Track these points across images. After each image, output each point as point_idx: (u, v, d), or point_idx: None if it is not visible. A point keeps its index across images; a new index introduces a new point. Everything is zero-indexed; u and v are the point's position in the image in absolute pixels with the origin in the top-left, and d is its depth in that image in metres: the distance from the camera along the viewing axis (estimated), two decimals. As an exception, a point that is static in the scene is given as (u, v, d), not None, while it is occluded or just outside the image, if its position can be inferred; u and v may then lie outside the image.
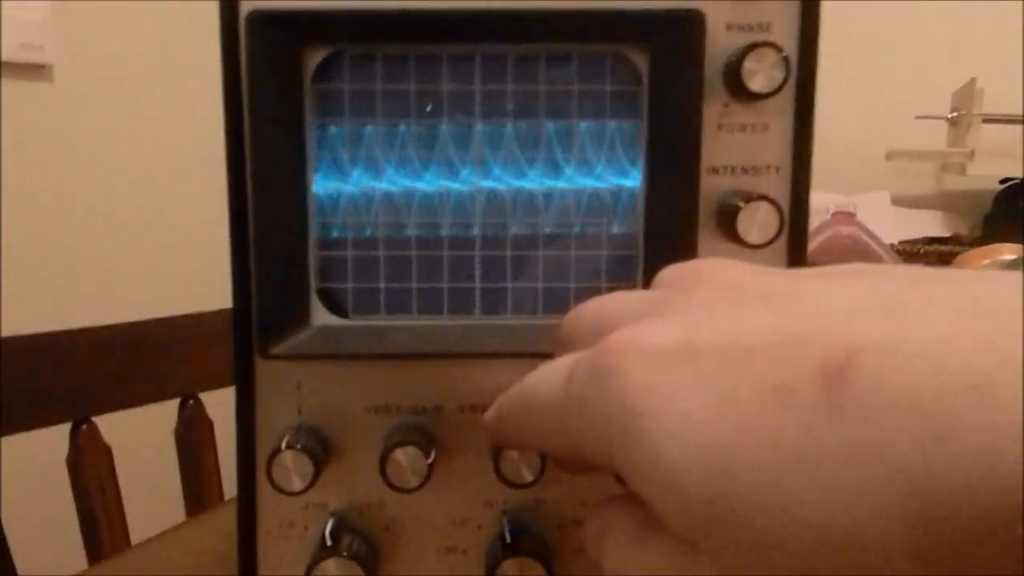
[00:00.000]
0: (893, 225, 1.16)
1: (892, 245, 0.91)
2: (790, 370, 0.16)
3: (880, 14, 1.41)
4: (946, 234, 1.35)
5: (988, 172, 1.27)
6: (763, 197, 0.32)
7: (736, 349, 0.17)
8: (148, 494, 0.87)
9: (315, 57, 0.32)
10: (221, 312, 0.83)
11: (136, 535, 0.74)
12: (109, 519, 0.76)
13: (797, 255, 0.33)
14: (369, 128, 0.33)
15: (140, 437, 0.88)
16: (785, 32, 0.32)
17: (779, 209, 0.31)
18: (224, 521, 0.57)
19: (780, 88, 0.31)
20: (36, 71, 1.26)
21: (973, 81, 1.26)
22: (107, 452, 0.78)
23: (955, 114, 1.35)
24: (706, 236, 0.33)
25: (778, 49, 0.30)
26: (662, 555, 0.19)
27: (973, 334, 0.15)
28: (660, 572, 0.19)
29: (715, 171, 0.33)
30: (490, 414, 0.26)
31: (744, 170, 0.33)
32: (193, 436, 0.85)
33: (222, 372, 0.85)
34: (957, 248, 1.05)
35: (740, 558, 0.16)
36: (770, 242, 0.32)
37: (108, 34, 1.33)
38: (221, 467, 0.87)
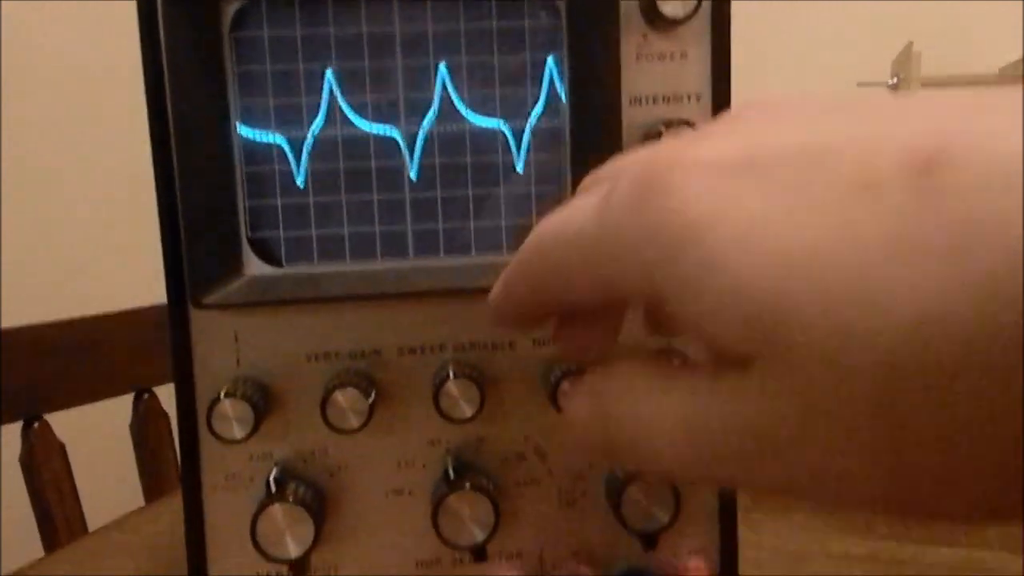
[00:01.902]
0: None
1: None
2: (872, 167, 0.15)
3: (818, -15, 1.44)
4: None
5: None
6: (685, 122, 0.32)
7: (806, 154, 0.16)
8: (105, 490, 0.86)
9: (232, 5, 0.32)
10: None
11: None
12: (66, 516, 0.75)
13: (722, 181, 0.34)
14: (290, 74, 0.33)
15: (95, 433, 0.87)
16: (697, -41, 0.32)
17: (700, 134, 0.32)
18: (179, 505, 0.57)
19: (694, 13, 0.31)
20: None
21: (910, 45, 1.29)
22: (61, 449, 0.77)
23: (895, 79, 1.38)
24: (632, 166, 0.33)
25: (688, -24, 0.31)
26: (693, 395, 0.18)
27: None
28: (693, 411, 0.18)
29: (637, 101, 0.33)
30: (495, 291, 0.24)
31: (665, 99, 0.33)
32: (149, 430, 0.84)
33: (177, 364, 0.84)
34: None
35: (798, 374, 0.15)
36: (693, 167, 0.32)
37: (48, 36, 1.31)
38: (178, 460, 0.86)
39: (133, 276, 1.31)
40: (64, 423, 0.78)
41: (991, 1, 1.36)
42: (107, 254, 1.38)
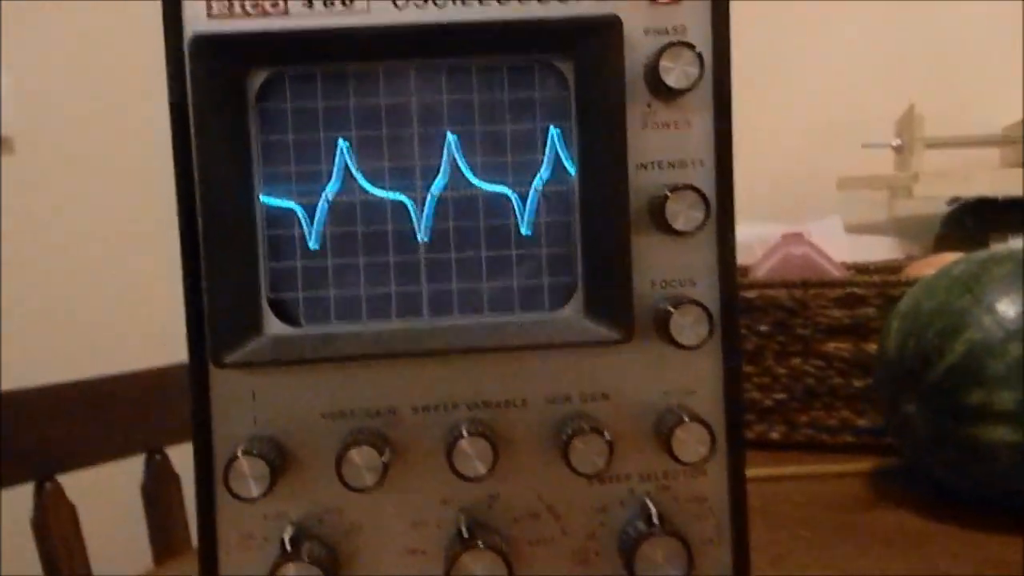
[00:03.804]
0: (848, 250, 1.19)
1: (843, 263, 0.94)
2: None
3: (820, 46, 1.47)
4: (901, 256, 1.38)
5: (934, 193, 1.31)
6: (689, 186, 0.33)
7: None
8: (116, 551, 0.85)
9: (258, 78, 0.34)
10: (183, 366, 0.83)
11: (105, 594, 0.73)
12: (76, 578, 0.75)
13: (726, 243, 0.35)
14: (311, 143, 0.34)
15: (106, 494, 0.87)
16: (699, 33, 0.34)
17: (704, 198, 0.33)
18: (191, 567, 0.57)
19: (697, 83, 0.33)
20: (-5, 142, 1.27)
21: (912, 108, 1.31)
22: (71, 511, 0.77)
23: (899, 141, 1.40)
24: (639, 229, 0.34)
25: (691, 47, 0.33)
26: None
27: None
28: None
29: (643, 167, 0.35)
30: None
31: (671, 164, 0.35)
32: (160, 491, 0.84)
33: (188, 426, 0.84)
34: (907, 263, 1.08)
35: None
36: (697, 229, 0.33)
37: (65, 104, 1.35)
38: (190, 522, 0.86)
39: (145, 335, 1.32)
40: (75, 484, 0.78)
41: (993, 62, 1.39)
42: (118, 314, 1.40)
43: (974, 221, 1.31)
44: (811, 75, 1.47)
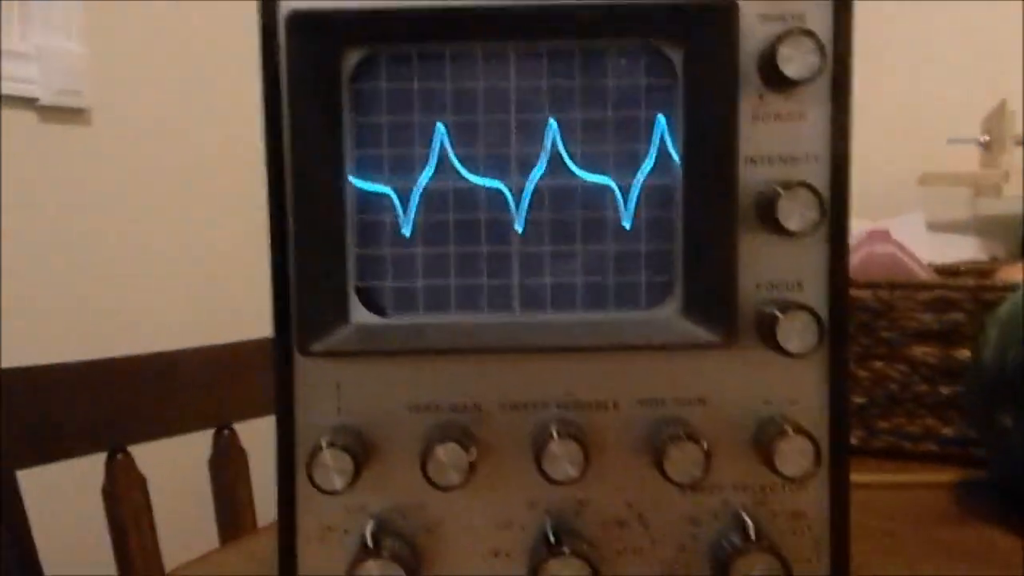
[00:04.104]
0: (928, 249, 1.14)
1: (929, 264, 0.90)
2: None
3: (911, 38, 1.41)
4: (984, 258, 1.33)
5: (1018, 196, 1.26)
6: (803, 184, 0.31)
7: None
8: (183, 524, 0.86)
9: (353, 57, 0.33)
10: (255, 342, 0.84)
11: (170, 566, 0.73)
12: (144, 550, 0.76)
13: (838, 245, 0.33)
14: (406, 126, 0.33)
15: (175, 467, 0.88)
16: (819, 22, 0.32)
17: (819, 196, 0.31)
18: (257, 546, 0.57)
19: (817, 74, 0.31)
20: (74, 115, 1.29)
21: (1004, 103, 1.26)
22: (142, 482, 0.78)
23: (987, 137, 1.34)
24: (746, 228, 0.32)
25: (813, 35, 0.30)
26: None
27: None
28: None
29: (753, 161, 0.33)
30: None
31: (782, 159, 0.33)
32: (227, 466, 0.85)
33: (256, 402, 0.85)
34: (996, 266, 1.03)
35: None
36: (812, 230, 0.31)
37: (143, 78, 1.37)
38: (255, 499, 0.86)
39: (222, 311, 1.34)
40: (144, 456, 0.79)
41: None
42: (195, 290, 1.42)
43: (1066, 224, 1.25)
44: (898, 67, 1.42)
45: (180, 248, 1.41)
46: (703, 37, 0.32)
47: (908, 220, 1.12)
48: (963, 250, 1.32)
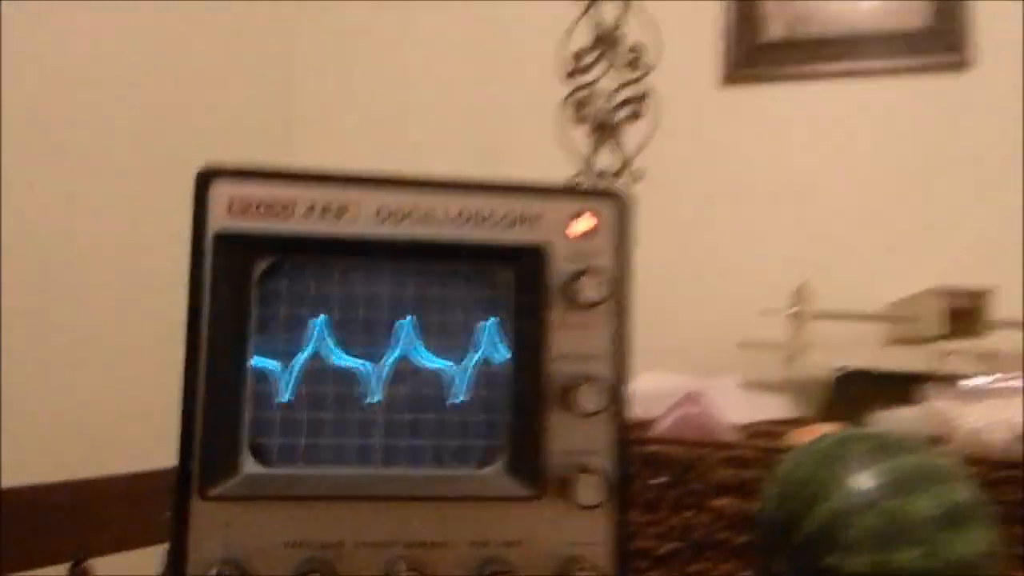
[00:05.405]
0: (745, 406, 1.30)
1: (742, 422, 1.04)
2: None
3: (730, 223, 1.64)
4: (795, 415, 1.51)
5: (821, 364, 1.46)
6: (596, 377, 0.43)
7: None
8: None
9: (261, 265, 0.42)
10: (114, 478, 0.87)
11: None
12: None
13: (621, 422, 0.44)
14: (297, 317, 0.43)
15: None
16: (609, 258, 0.44)
17: (607, 387, 0.43)
18: None
19: (600, 303, 0.43)
20: None
21: (805, 284, 1.47)
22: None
23: (796, 309, 1.55)
24: (553, 407, 0.43)
25: (599, 275, 0.43)
26: None
27: None
28: None
29: (561, 358, 0.44)
30: None
31: (579, 358, 0.44)
32: (79, 603, 0.86)
33: (116, 537, 0.87)
34: (796, 427, 1.19)
35: None
36: (602, 410, 0.42)
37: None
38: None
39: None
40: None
41: (881, 244, 1.58)
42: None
43: (858, 391, 1.45)
44: (713, 243, 1.64)
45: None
46: (523, 268, 0.44)
47: (723, 383, 1.28)
48: (776, 408, 1.50)
